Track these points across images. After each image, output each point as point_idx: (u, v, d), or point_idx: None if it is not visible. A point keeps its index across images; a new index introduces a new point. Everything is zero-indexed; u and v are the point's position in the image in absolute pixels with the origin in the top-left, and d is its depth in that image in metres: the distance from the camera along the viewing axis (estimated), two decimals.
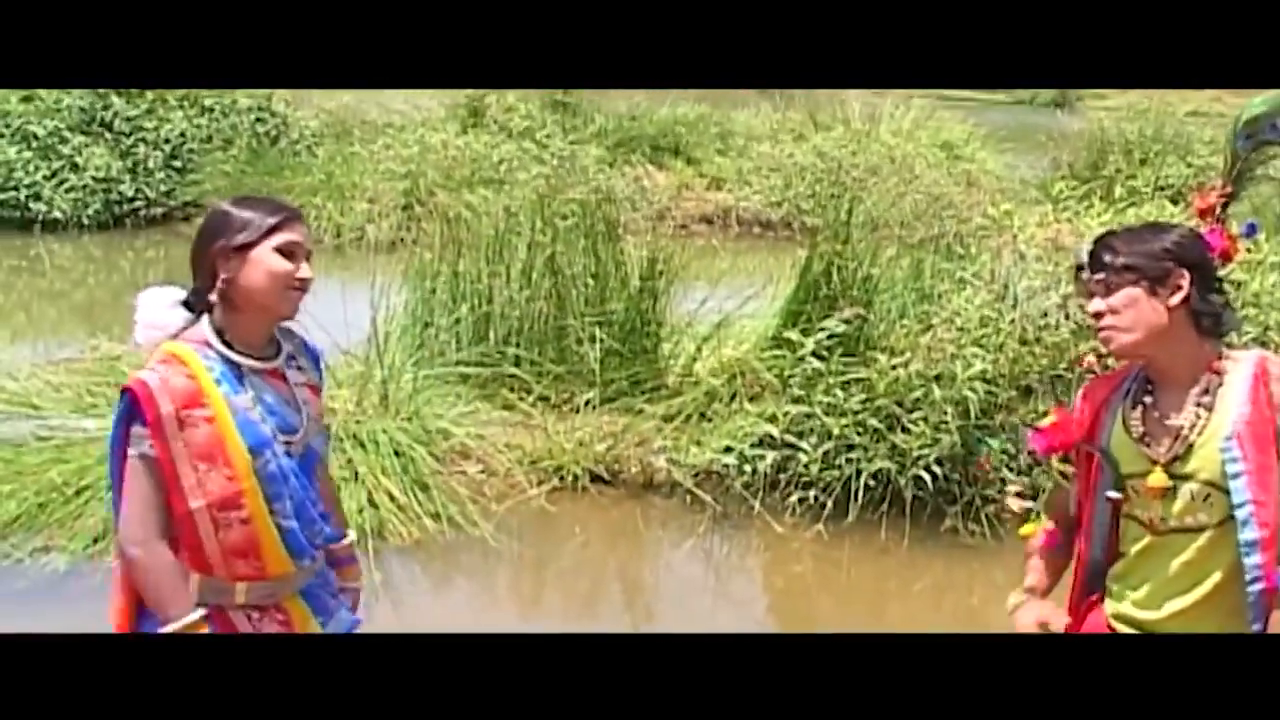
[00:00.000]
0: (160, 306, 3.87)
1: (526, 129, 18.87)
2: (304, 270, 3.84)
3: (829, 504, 8.68)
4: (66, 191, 16.85)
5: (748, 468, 8.84)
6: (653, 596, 8.47)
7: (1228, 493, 3.57)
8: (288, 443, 3.89)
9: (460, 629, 7.38)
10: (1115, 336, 3.65)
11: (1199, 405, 3.63)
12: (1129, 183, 17.74)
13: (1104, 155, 19.70)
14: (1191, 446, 3.63)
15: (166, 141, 17.44)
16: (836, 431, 8.70)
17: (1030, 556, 4.09)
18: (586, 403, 9.63)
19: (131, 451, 3.71)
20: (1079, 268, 3.75)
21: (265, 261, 3.77)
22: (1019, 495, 3.71)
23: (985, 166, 20.96)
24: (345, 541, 4.34)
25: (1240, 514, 3.55)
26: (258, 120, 18.18)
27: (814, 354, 9.05)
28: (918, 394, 8.72)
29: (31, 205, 16.79)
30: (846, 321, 9.11)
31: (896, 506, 8.69)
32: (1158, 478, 3.66)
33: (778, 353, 9.41)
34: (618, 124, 20.04)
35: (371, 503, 8.20)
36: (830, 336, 9.08)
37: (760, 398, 9.31)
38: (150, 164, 17.25)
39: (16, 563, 7.75)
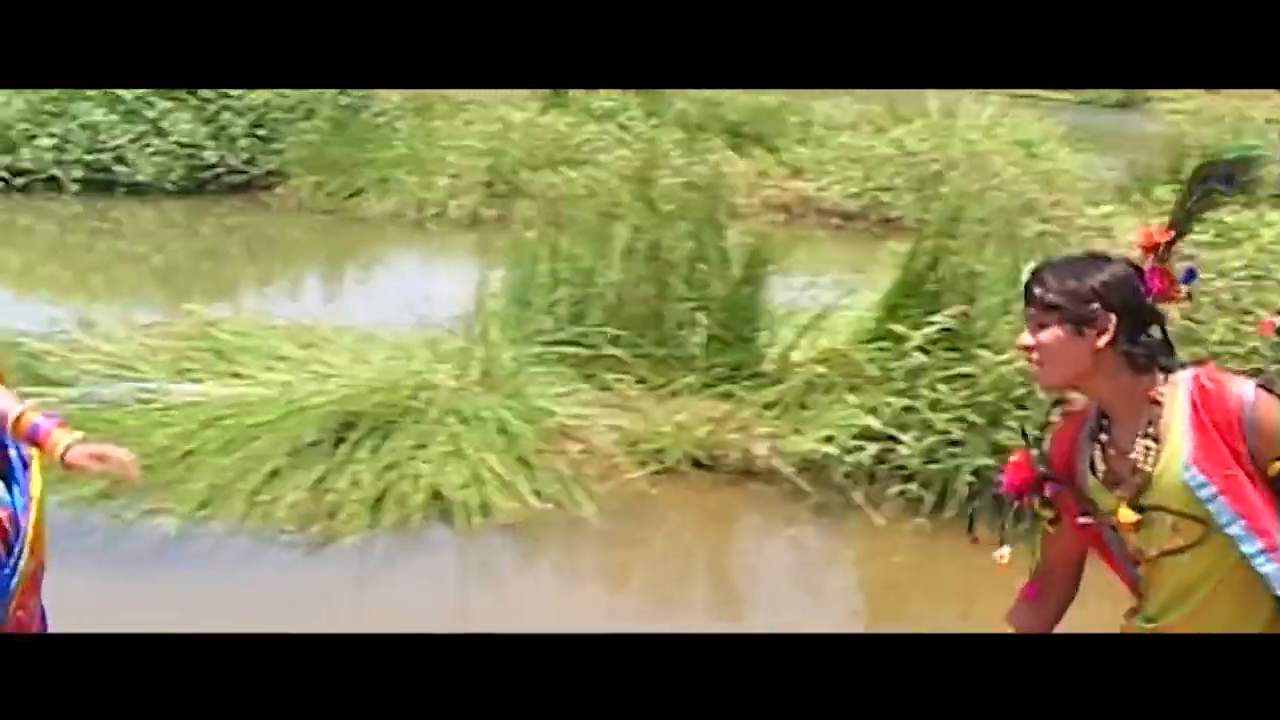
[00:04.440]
0: None
1: (609, 110, 18.79)
2: None
3: (929, 498, 8.64)
4: (151, 156, 16.88)
5: (849, 459, 8.80)
6: (745, 583, 8.48)
7: (1197, 519, 3.56)
8: None
9: (547, 605, 7.43)
10: (1041, 375, 3.66)
11: (1146, 438, 3.60)
12: None
13: (1181, 158, 19.51)
14: (1150, 478, 3.60)
15: (251, 109, 17.45)
16: (939, 426, 8.66)
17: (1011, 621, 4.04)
18: (685, 387, 9.58)
19: None
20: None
21: None
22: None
23: (1063, 166, 20.83)
24: None
25: (1233, 532, 3.53)
26: (341, 92, 18.15)
27: (919, 348, 9.01)
28: (1021, 391, 8.67)
29: (116, 168, 16.85)
30: (953, 318, 9.08)
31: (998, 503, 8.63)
32: (1126, 514, 3.64)
33: (881, 345, 9.35)
34: (700, 108, 19.93)
35: (477, 478, 8.20)
36: (936, 331, 9.04)
37: (860, 389, 9.27)
38: (234, 131, 17.27)
39: (126, 525, 7.79)
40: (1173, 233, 3.67)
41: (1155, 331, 3.64)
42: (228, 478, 8.01)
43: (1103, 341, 3.56)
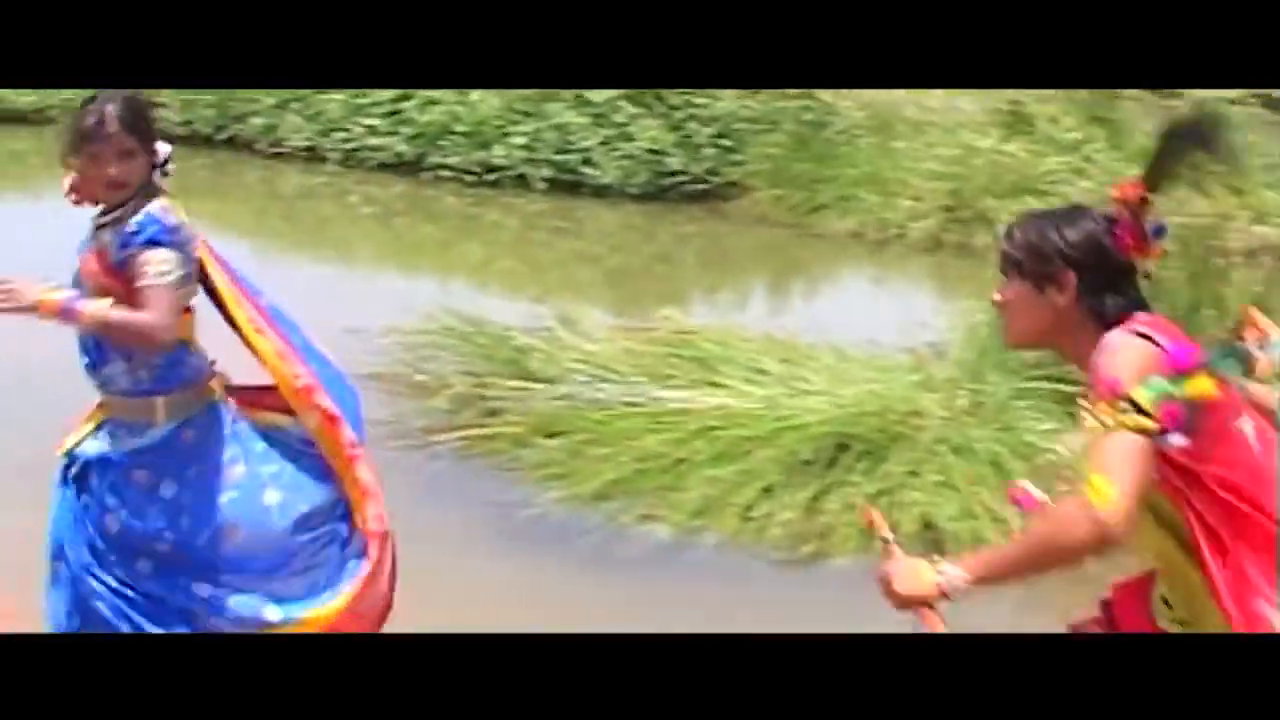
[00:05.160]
0: None
1: (1073, 142, 18.35)
2: None
3: None
4: (617, 160, 17.19)
5: None
6: None
7: None
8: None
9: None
10: (1007, 331, 3.73)
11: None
12: None
13: None
14: None
15: (716, 119, 17.62)
16: None
17: None
18: None
19: None
20: None
21: None
22: None
23: None
24: None
25: None
26: (804, 107, 18.18)
27: None
28: None
29: (582, 170, 17.24)
30: None
31: None
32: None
33: None
34: None
35: (969, 512, 8.03)
36: None
37: None
38: (698, 140, 17.46)
39: (621, 528, 7.86)
40: (1144, 187, 3.55)
41: (1125, 289, 3.57)
42: (721, 489, 8.01)
43: (1063, 299, 3.55)
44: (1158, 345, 3.43)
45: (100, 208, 4.90)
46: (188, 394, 4.95)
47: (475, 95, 17.60)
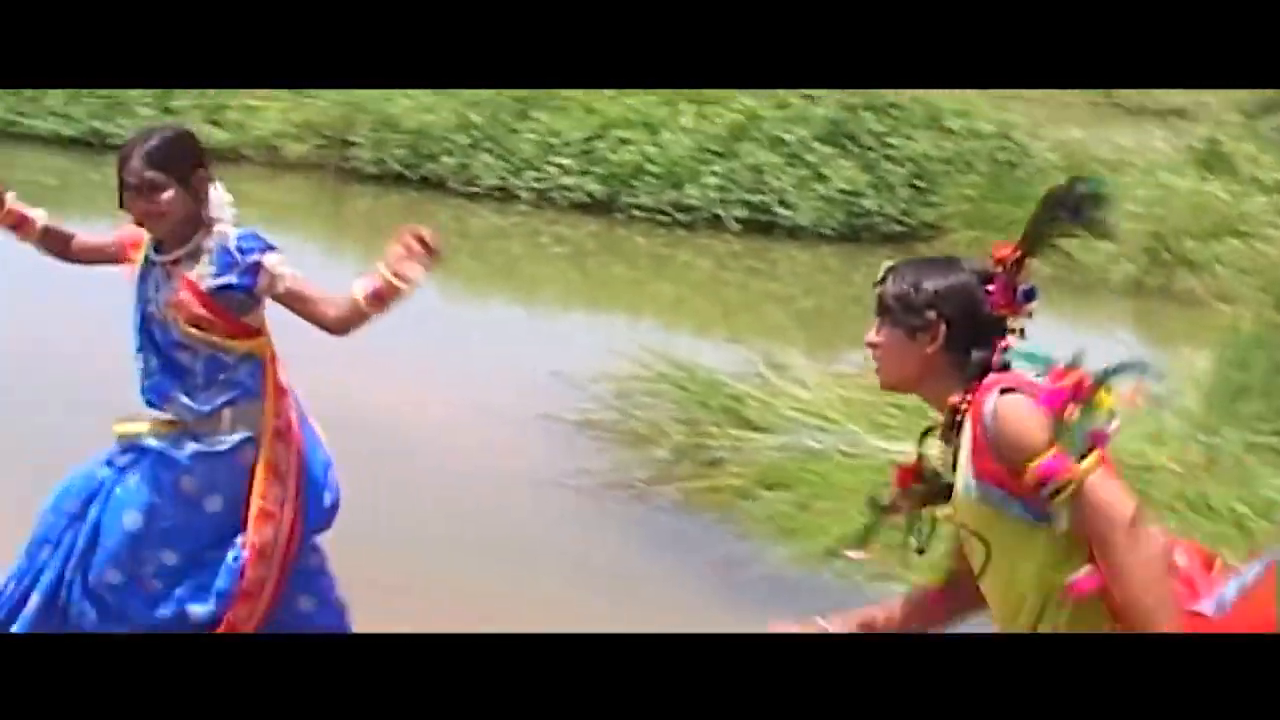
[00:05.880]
0: None
1: (1275, 182, 17.96)
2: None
3: None
4: (811, 200, 17.08)
5: None
6: None
7: (982, 539, 3.68)
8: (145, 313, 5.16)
9: None
10: (879, 373, 3.81)
11: (949, 445, 3.70)
12: None
13: None
14: (950, 487, 3.73)
15: (910, 159, 17.51)
16: None
17: None
18: None
19: None
20: None
21: None
22: None
23: None
24: None
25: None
26: (999, 147, 18.00)
27: None
28: None
29: (777, 210, 17.14)
30: None
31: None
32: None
33: None
34: None
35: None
36: None
37: None
38: (893, 180, 17.35)
39: (855, 586, 7.71)
40: (1020, 250, 3.64)
41: (990, 344, 3.65)
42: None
43: (931, 348, 3.65)
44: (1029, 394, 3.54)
45: (151, 247, 5.19)
46: (253, 408, 5.13)
47: (667, 135, 17.58)
